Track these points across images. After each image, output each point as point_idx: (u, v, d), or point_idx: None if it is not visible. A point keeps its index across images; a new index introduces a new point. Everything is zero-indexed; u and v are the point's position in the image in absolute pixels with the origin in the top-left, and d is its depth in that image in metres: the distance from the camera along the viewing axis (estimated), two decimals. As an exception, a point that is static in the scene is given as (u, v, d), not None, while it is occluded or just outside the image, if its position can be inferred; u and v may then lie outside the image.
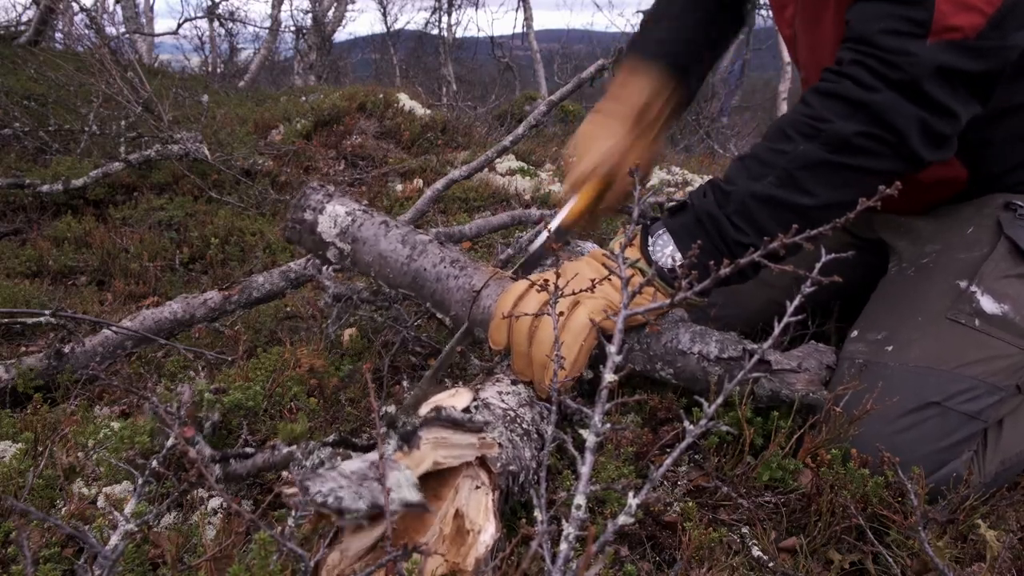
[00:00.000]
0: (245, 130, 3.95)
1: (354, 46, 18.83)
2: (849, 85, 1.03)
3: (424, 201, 2.40)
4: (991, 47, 1.00)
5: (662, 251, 1.12)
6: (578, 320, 1.08)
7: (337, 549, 0.76)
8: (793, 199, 1.05)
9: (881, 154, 1.03)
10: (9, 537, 0.93)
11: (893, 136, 1.02)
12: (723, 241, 1.08)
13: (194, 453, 0.86)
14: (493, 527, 0.82)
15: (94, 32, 4.60)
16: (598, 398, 0.75)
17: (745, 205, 1.07)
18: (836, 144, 1.03)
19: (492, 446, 0.89)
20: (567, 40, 19.37)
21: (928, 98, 1.01)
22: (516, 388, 1.11)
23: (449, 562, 0.78)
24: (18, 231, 2.72)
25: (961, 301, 1.16)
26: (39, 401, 1.27)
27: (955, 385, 1.10)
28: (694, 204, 1.12)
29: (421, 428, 0.81)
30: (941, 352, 1.13)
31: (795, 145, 1.06)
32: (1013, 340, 1.13)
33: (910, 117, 1.01)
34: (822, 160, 1.04)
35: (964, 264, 1.20)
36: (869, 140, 1.03)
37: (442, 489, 0.85)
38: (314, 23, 11.41)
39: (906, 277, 1.26)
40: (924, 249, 1.28)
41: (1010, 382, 1.12)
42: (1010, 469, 1.15)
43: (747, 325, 1.52)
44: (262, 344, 1.69)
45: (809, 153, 1.04)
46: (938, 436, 1.08)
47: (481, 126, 5.18)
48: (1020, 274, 1.17)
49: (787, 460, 1.06)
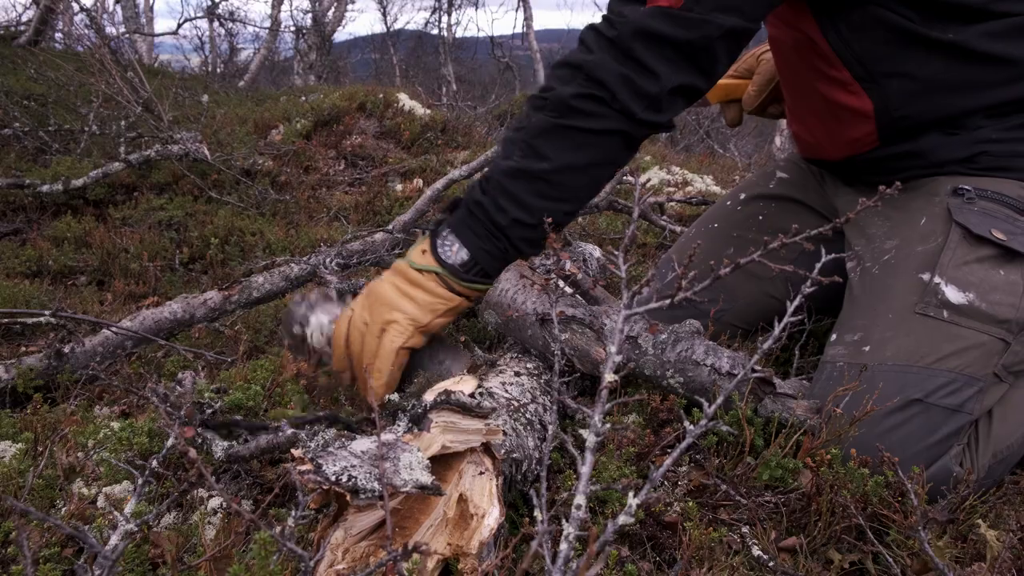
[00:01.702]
0: (245, 130, 3.95)
1: (354, 46, 18.83)
2: (576, 50, 1.15)
3: (424, 201, 2.40)
4: (694, 19, 1.08)
5: (450, 250, 1.18)
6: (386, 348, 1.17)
7: (341, 527, 0.76)
8: (534, 166, 1.14)
9: (598, 113, 1.12)
10: (9, 537, 0.93)
11: (604, 92, 1.10)
12: (494, 225, 1.15)
13: (194, 453, 0.86)
14: (497, 511, 0.82)
15: (94, 32, 4.60)
16: (598, 398, 0.75)
17: (501, 183, 1.15)
18: (560, 108, 1.13)
19: (497, 432, 0.89)
20: (567, 40, 19.36)
21: (632, 57, 1.09)
22: (519, 379, 1.11)
23: (453, 545, 0.79)
24: (18, 231, 2.72)
25: (927, 294, 1.16)
26: (39, 401, 1.27)
27: (934, 380, 1.10)
28: (465, 197, 1.20)
29: (431, 410, 0.82)
30: (916, 348, 1.13)
31: (530, 117, 1.16)
32: (982, 327, 1.13)
33: (616, 74, 1.10)
34: (551, 126, 1.14)
35: (923, 256, 1.20)
36: (586, 100, 1.11)
37: (446, 473, 0.85)
38: (314, 23, 11.41)
39: (871, 276, 1.27)
40: (883, 246, 1.28)
41: (986, 371, 1.12)
42: (1003, 462, 1.15)
43: (739, 318, 1.52)
44: (262, 344, 1.69)
45: (540, 121, 1.15)
46: (925, 433, 1.08)
47: (481, 126, 5.18)
48: (979, 258, 1.17)
49: (787, 460, 1.06)
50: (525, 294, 1.32)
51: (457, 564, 0.78)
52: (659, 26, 1.08)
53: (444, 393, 0.86)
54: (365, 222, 2.93)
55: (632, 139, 1.17)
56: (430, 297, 1.18)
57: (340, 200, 3.18)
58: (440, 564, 0.79)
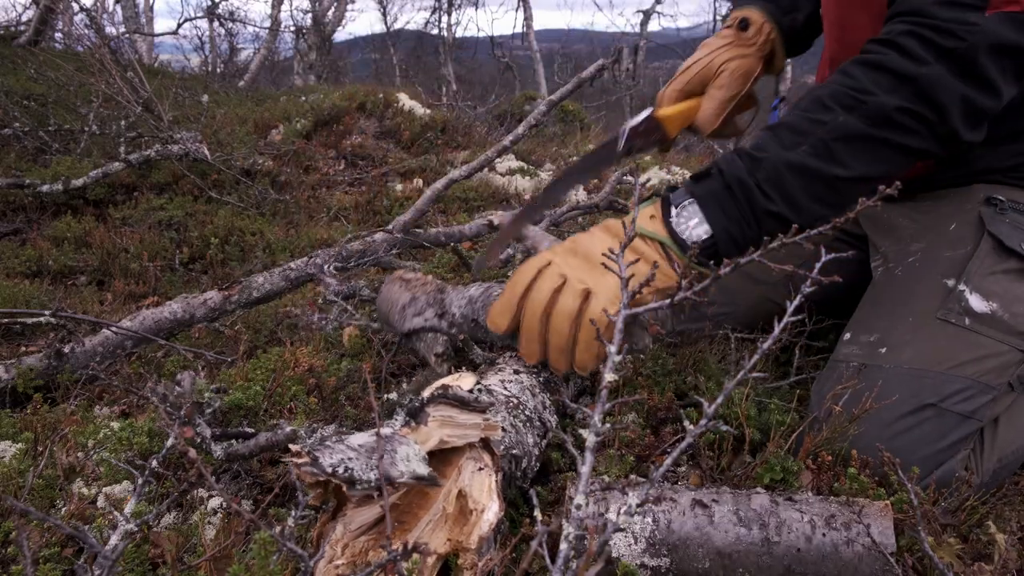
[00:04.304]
0: (245, 130, 3.95)
1: (354, 46, 18.83)
2: (896, 57, 1.01)
3: (424, 201, 2.40)
4: None
5: (686, 224, 1.03)
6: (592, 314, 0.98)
7: (340, 522, 0.76)
8: (826, 169, 1.02)
9: (919, 132, 1.01)
10: (9, 537, 0.93)
11: (935, 114, 1.00)
12: (751, 210, 1.03)
13: (194, 453, 0.86)
14: (496, 506, 0.82)
15: (94, 32, 4.60)
16: (598, 398, 0.75)
17: (777, 172, 1.02)
18: (877, 118, 1.01)
19: (496, 428, 0.89)
20: (567, 40, 19.39)
21: (978, 73, 0.98)
22: (519, 377, 1.11)
23: (452, 540, 0.79)
24: (18, 231, 2.72)
25: (950, 300, 1.16)
26: (39, 401, 1.27)
27: (950, 386, 1.10)
28: (722, 170, 1.05)
29: (428, 404, 0.82)
30: (934, 353, 1.13)
31: (834, 116, 1.02)
32: (1002, 338, 1.13)
33: (955, 93, 0.99)
34: (861, 133, 1.01)
35: (950, 262, 1.20)
36: (910, 117, 1.00)
37: (445, 469, 0.85)
38: (314, 23, 11.41)
39: (894, 277, 1.26)
40: (909, 248, 1.27)
41: (1002, 380, 1.13)
42: (1007, 466, 1.15)
43: (739, 322, 1.52)
44: (262, 344, 1.69)
45: (848, 125, 1.01)
46: (935, 437, 1.08)
47: (481, 126, 5.18)
48: (1005, 270, 1.17)
49: (787, 460, 1.06)
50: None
51: (456, 560, 0.79)
52: (1013, 36, 0.97)
53: (442, 387, 0.86)
54: (365, 222, 2.93)
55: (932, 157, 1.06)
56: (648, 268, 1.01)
57: (340, 200, 3.18)
58: (440, 560, 0.79)
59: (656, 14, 14.22)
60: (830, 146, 1.02)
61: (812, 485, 1.04)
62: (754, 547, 0.88)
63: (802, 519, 0.90)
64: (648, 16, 14.14)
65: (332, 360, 1.43)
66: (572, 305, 0.98)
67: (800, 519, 0.90)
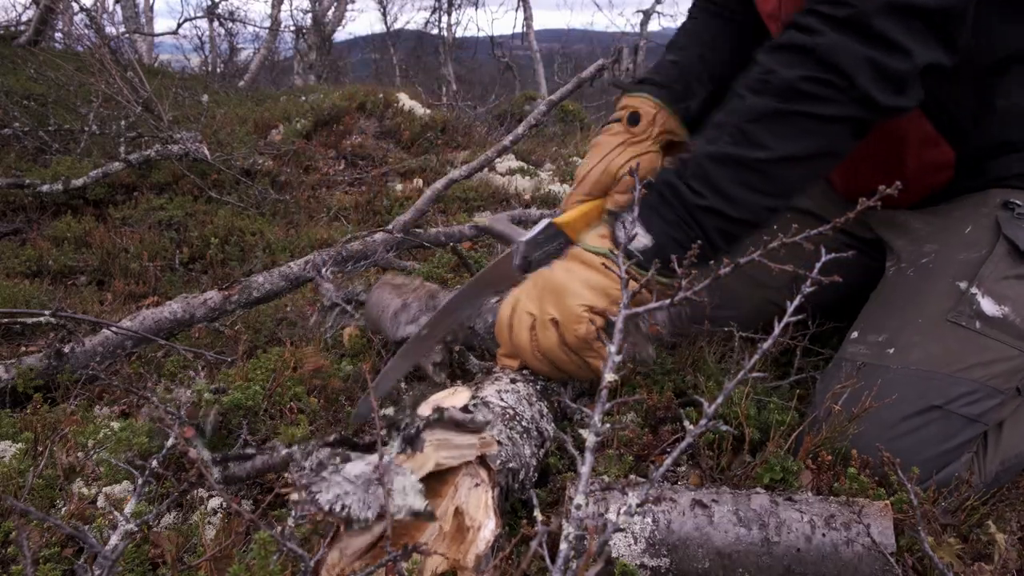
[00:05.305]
0: (245, 130, 3.95)
1: (354, 46, 18.83)
2: (794, 33, 1.02)
3: (424, 201, 2.40)
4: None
5: (629, 235, 1.07)
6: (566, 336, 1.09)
7: (336, 548, 0.76)
8: (747, 154, 1.03)
9: (830, 98, 1.00)
10: (9, 537, 0.93)
11: (840, 78, 0.99)
12: (686, 210, 1.05)
13: (194, 453, 0.86)
14: (493, 523, 0.82)
15: (94, 32, 4.60)
16: (598, 398, 0.75)
17: (701, 167, 1.05)
18: (784, 92, 1.01)
19: (492, 444, 0.89)
20: (567, 40, 19.40)
21: (878, 35, 0.97)
22: (515, 386, 1.11)
23: (450, 559, 0.79)
24: (18, 231, 2.72)
25: (962, 303, 1.15)
26: (39, 401, 1.27)
27: (957, 388, 1.10)
28: (655, 180, 1.10)
29: (424, 430, 0.81)
30: (942, 355, 1.12)
31: (744, 100, 1.04)
32: (1013, 342, 1.13)
33: (858, 57, 0.98)
34: (772, 110, 1.02)
35: (964, 265, 1.19)
36: (816, 84, 1.00)
37: (441, 487, 0.85)
38: (314, 23, 11.41)
39: (906, 278, 1.26)
40: (923, 249, 1.27)
41: (1010, 385, 1.12)
42: (1010, 469, 1.15)
43: (742, 326, 1.51)
44: (262, 344, 1.69)
45: (758, 105, 1.03)
46: (940, 439, 1.08)
47: (481, 126, 5.18)
48: (1020, 275, 1.17)
49: (787, 460, 1.06)
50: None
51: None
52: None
53: (437, 411, 0.85)
54: (365, 222, 2.93)
55: (864, 127, 1.04)
56: (606, 280, 1.08)
57: (340, 200, 3.18)
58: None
59: (656, 14, 14.20)
60: (744, 130, 1.03)
61: (812, 485, 1.04)
62: (754, 547, 0.88)
63: (802, 519, 0.90)
64: (648, 16, 14.13)
65: (333, 360, 1.43)
66: (552, 338, 1.09)
67: (800, 519, 0.90)
